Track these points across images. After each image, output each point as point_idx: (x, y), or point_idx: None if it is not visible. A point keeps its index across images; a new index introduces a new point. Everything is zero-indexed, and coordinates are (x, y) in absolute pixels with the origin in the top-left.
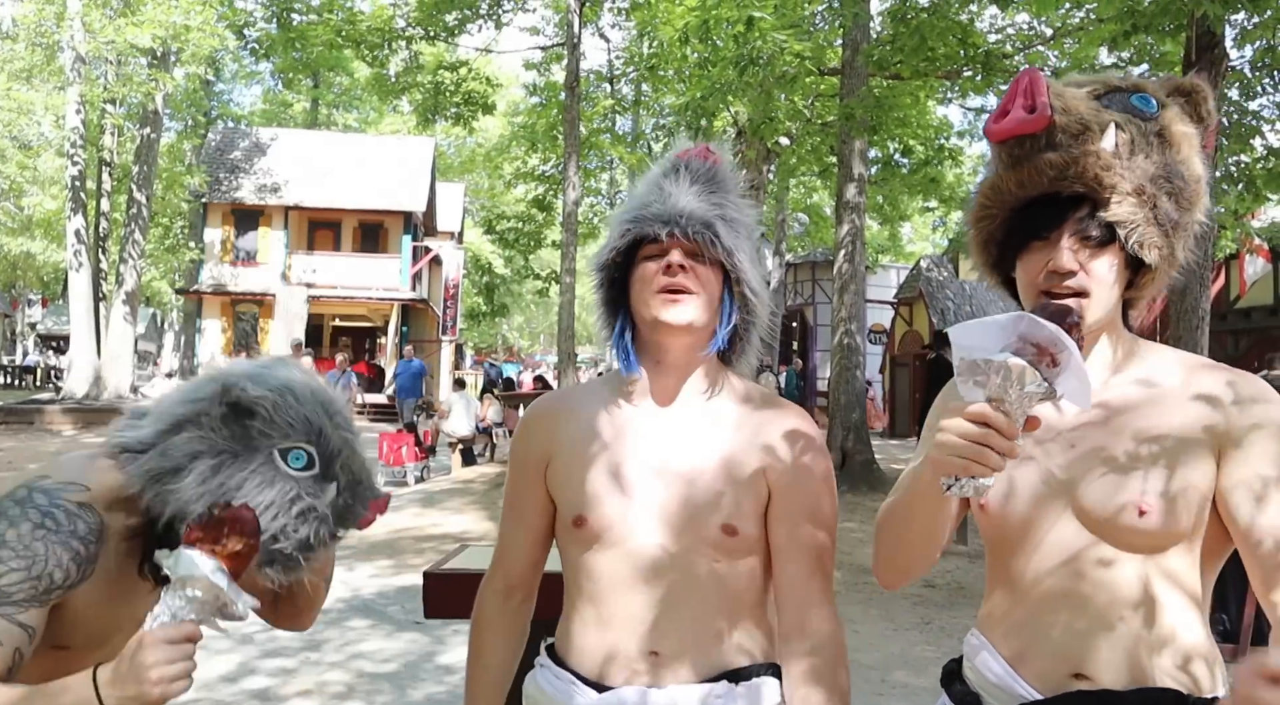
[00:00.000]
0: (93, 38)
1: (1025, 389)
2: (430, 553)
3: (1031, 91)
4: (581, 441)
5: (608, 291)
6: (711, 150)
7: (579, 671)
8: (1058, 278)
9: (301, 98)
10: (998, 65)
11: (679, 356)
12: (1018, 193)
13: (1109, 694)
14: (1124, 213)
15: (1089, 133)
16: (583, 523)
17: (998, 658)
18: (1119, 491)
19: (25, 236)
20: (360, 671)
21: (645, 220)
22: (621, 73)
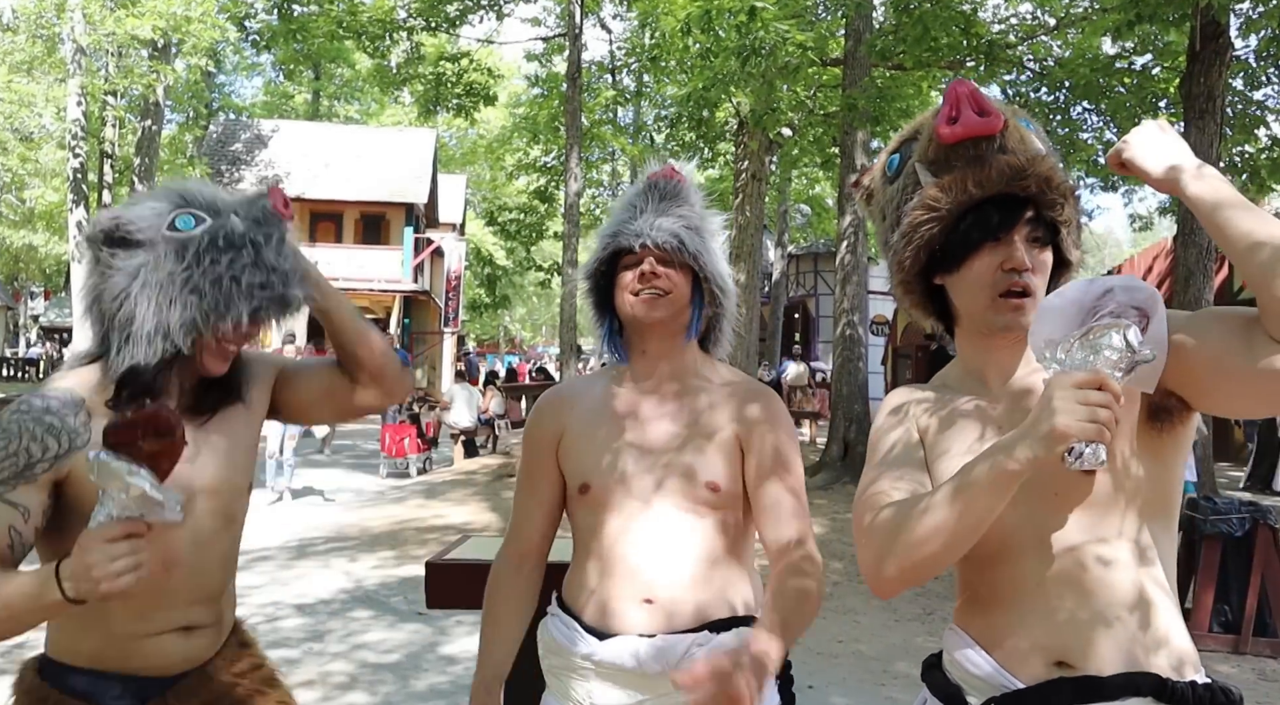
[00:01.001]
0: (93, 29)
1: (1131, 340)
2: (433, 544)
3: (975, 98)
4: (586, 421)
5: (596, 297)
6: (676, 170)
7: (583, 619)
8: (1015, 275)
9: (303, 89)
10: (1001, 56)
11: (660, 346)
12: (975, 193)
13: (1091, 680)
14: (1066, 214)
15: (1025, 139)
16: (587, 489)
17: (977, 649)
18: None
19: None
20: (363, 662)
21: (622, 235)
22: (623, 64)
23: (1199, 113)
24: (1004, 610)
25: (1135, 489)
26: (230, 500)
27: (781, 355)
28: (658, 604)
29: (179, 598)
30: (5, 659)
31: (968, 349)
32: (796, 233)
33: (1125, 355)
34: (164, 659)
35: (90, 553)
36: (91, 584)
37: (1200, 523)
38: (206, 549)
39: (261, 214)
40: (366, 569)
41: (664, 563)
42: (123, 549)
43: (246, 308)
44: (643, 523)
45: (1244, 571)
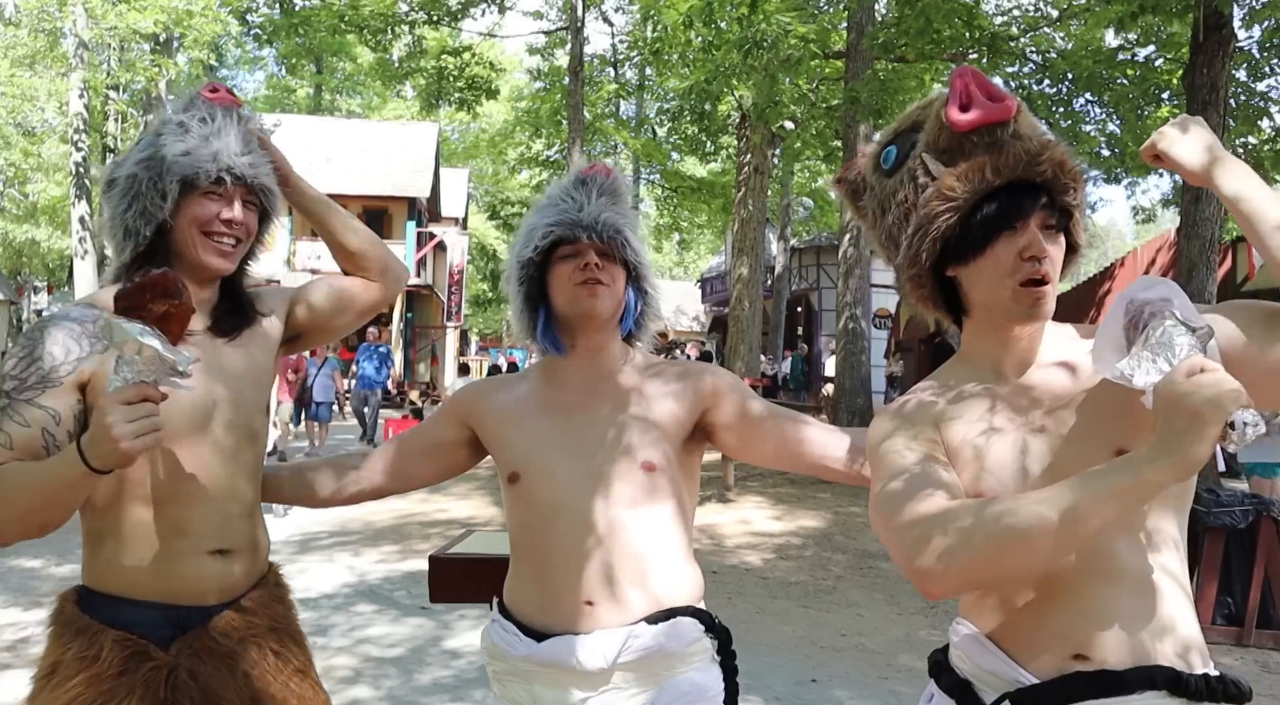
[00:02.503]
0: (95, 23)
1: (1198, 327)
2: (436, 538)
3: (983, 84)
4: (509, 407)
5: (527, 288)
6: (610, 167)
7: (522, 622)
8: (1036, 262)
9: (305, 83)
10: (1003, 48)
11: (594, 339)
12: (992, 180)
13: (1108, 674)
14: (1076, 200)
15: (1035, 121)
16: (517, 479)
17: (987, 642)
18: (1092, 449)
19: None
20: (366, 656)
21: (565, 225)
22: (625, 57)
23: (1202, 104)
24: (1019, 598)
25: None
26: (250, 415)
27: (785, 349)
28: (597, 606)
29: (211, 509)
30: (12, 654)
31: (979, 341)
32: (799, 226)
33: (1190, 335)
34: (199, 583)
35: (107, 414)
36: (111, 445)
37: (1204, 514)
38: (232, 461)
39: (188, 102)
40: (370, 563)
41: (602, 562)
42: (140, 411)
43: (178, 172)
44: (577, 518)
45: (1247, 564)
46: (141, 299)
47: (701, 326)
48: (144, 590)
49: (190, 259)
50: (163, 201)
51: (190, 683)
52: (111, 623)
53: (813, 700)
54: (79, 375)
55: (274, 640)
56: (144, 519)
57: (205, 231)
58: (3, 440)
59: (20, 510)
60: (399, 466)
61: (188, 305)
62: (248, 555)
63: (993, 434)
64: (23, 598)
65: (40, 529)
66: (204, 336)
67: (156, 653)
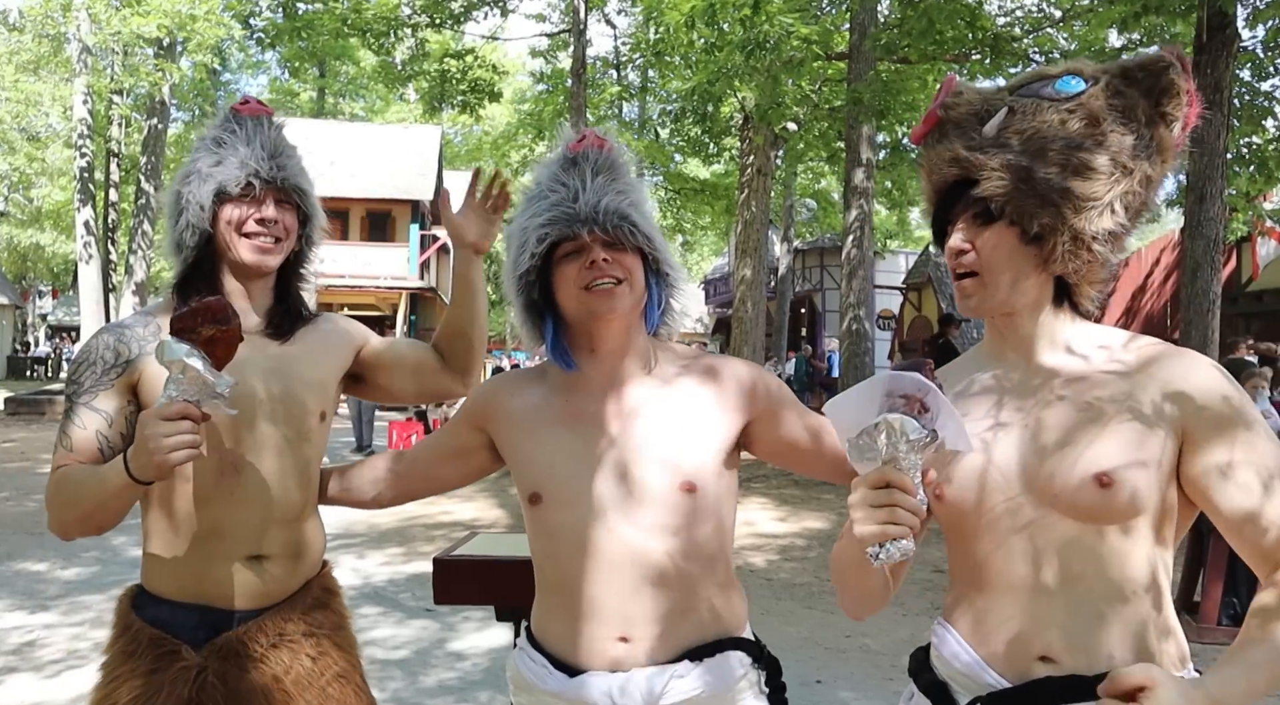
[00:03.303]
0: (99, 28)
1: (910, 438)
2: (440, 540)
3: (938, 95)
4: (526, 416)
5: (529, 297)
6: (602, 137)
7: (552, 654)
8: (954, 258)
9: (308, 87)
10: (1006, 48)
11: (615, 342)
12: (929, 187)
13: (1076, 679)
14: (990, 188)
15: (974, 120)
16: (537, 500)
17: (964, 645)
18: (1079, 465)
19: (35, 228)
20: (371, 658)
21: (561, 221)
22: (628, 59)
23: (1206, 104)
24: (988, 601)
25: (1144, 512)
26: (301, 416)
27: (789, 350)
28: (635, 641)
29: (250, 513)
30: (18, 657)
31: (987, 326)
32: (802, 227)
33: (910, 441)
34: (232, 587)
35: (147, 426)
36: (148, 457)
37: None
38: (274, 464)
39: (222, 118)
40: (374, 565)
41: (638, 596)
42: (179, 427)
43: (213, 185)
44: (608, 550)
45: None
46: (193, 322)
47: (705, 328)
48: (181, 591)
49: (233, 260)
50: (201, 212)
51: (218, 685)
52: (152, 621)
53: (818, 701)
54: (129, 376)
55: (311, 645)
56: (184, 520)
57: (243, 233)
58: (65, 443)
59: (79, 513)
60: (429, 470)
61: (235, 331)
62: (286, 561)
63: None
64: (28, 601)
65: (97, 529)
66: (257, 336)
67: (187, 653)
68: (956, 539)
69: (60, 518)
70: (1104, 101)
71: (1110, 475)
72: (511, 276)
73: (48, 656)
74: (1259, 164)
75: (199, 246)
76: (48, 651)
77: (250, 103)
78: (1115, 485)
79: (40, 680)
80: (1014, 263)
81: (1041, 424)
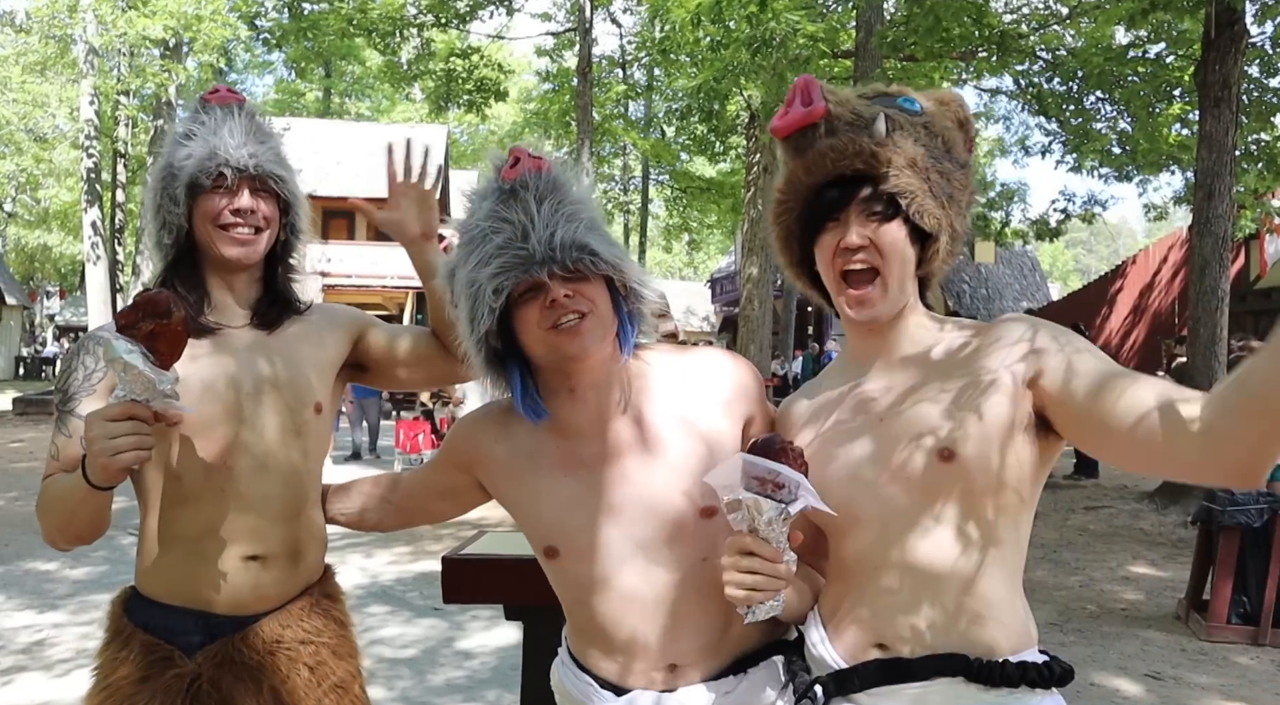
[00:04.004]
0: (105, 30)
1: (764, 516)
2: (448, 539)
3: (808, 90)
4: (520, 464)
5: (489, 349)
6: (538, 156)
7: (596, 674)
8: (849, 254)
9: (314, 87)
10: (1013, 46)
11: (594, 376)
12: (807, 180)
13: (898, 661)
14: (902, 183)
15: (861, 120)
16: (555, 553)
17: (820, 630)
18: (922, 442)
19: (42, 229)
20: (380, 657)
21: (516, 268)
22: (634, 57)
23: (1214, 101)
24: (844, 587)
25: (989, 487)
26: (294, 409)
27: (795, 348)
28: (682, 668)
29: (244, 511)
30: (28, 656)
31: (848, 330)
32: None
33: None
34: (230, 589)
35: (91, 428)
36: (95, 459)
37: (1218, 514)
38: (269, 454)
39: (193, 109)
40: (382, 564)
41: (679, 629)
42: (124, 429)
43: (184, 178)
44: (641, 592)
45: (1263, 562)
46: (134, 317)
47: (711, 327)
48: (177, 594)
49: (214, 255)
50: (175, 207)
51: (211, 693)
52: (144, 626)
53: None
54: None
55: (309, 654)
56: (177, 518)
57: (220, 225)
58: (53, 451)
59: (58, 522)
60: (424, 504)
61: (177, 325)
62: (285, 562)
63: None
64: (38, 600)
65: (78, 539)
66: (246, 329)
67: (181, 660)
68: (829, 535)
69: (45, 527)
70: (942, 123)
71: (951, 448)
72: (468, 334)
73: (57, 656)
74: (1267, 161)
75: (178, 243)
76: (57, 651)
77: (220, 91)
78: (956, 458)
79: (49, 679)
80: (904, 262)
81: (892, 416)
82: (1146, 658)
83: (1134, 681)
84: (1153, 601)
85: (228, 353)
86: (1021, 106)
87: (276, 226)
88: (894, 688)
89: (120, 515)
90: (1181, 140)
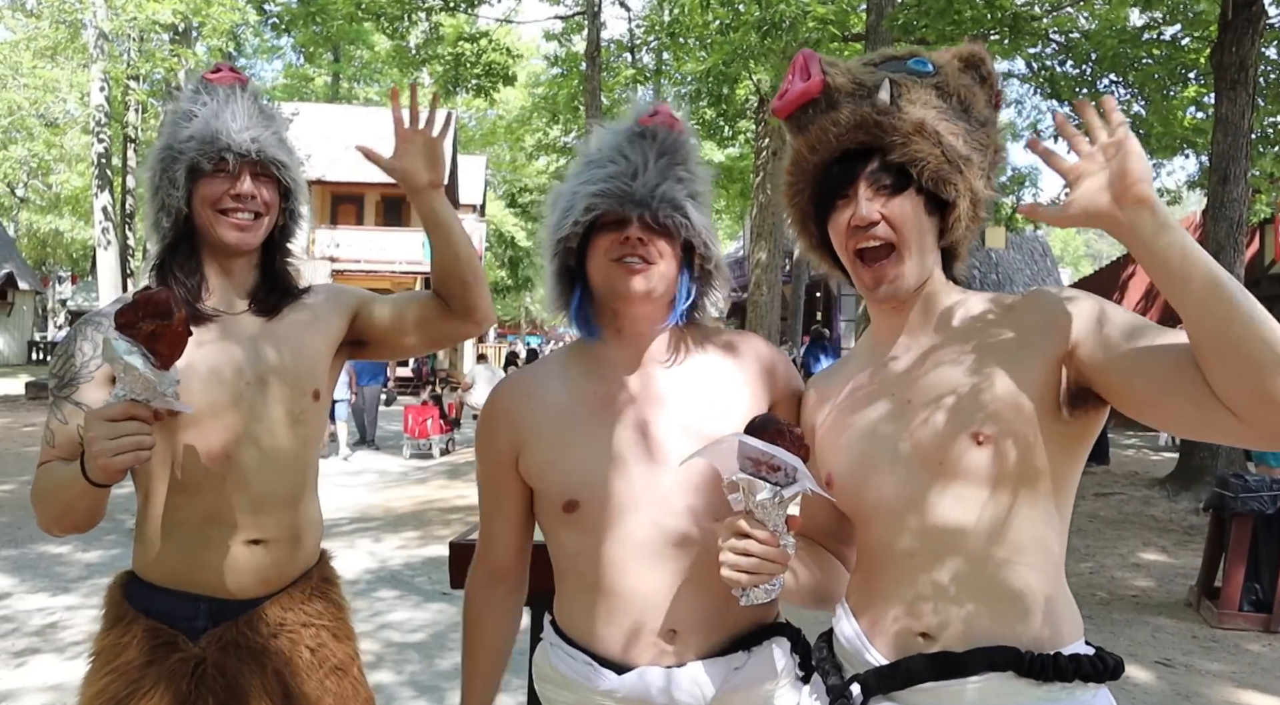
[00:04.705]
0: (115, 15)
1: (758, 498)
2: (456, 524)
3: (806, 65)
4: (554, 424)
5: (563, 262)
6: (675, 116)
7: (594, 652)
8: (862, 231)
9: (322, 72)
10: (1026, 28)
11: (638, 325)
12: (811, 158)
13: (946, 656)
14: (911, 151)
15: (863, 89)
16: (575, 507)
17: (853, 623)
18: (953, 425)
19: (54, 214)
20: (389, 641)
21: (613, 196)
22: (642, 41)
23: (1230, 83)
24: (876, 577)
25: (1026, 470)
26: (293, 397)
27: (803, 334)
28: (683, 635)
29: (245, 496)
30: (41, 639)
31: (871, 309)
32: None
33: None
34: (233, 573)
35: (91, 428)
36: (95, 459)
37: (1231, 500)
38: (269, 441)
39: (194, 88)
40: (391, 549)
41: (684, 589)
42: (126, 429)
43: (184, 161)
44: (652, 545)
45: (1275, 549)
46: (134, 317)
47: (720, 312)
48: (179, 579)
49: (212, 239)
50: (175, 190)
51: (216, 676)
52: (146, 611)
53: None
54: (108, 369)
55: (310, 637)
56: (179, 505)
57: (220, 210)
58: (47, 437)
59: (54, 512)
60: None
61: (178, 325)
62: (286, 545)
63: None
64: (51, 583)
65: (73, 528)
66: (246, 316)
67: (185, 644)
68: (856, 521)
69: (40, 514)
70: (958, 81)
71: (984, 431)
72: (550, 238)
73: (69, 638)
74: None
75: (176, 226)
76: (69, 633)
77: (222, 70)
78: (990, 441)
79: (63, 661)
80: (921, 233)
81: (916, 397)
82: (1157, 645)
83: (1145, 669)
84: (1164, 588)
85: (228, 340)
86: (1034, 90)
87: (276, 211)
88: (940, 684)
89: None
90: (1196, 123)
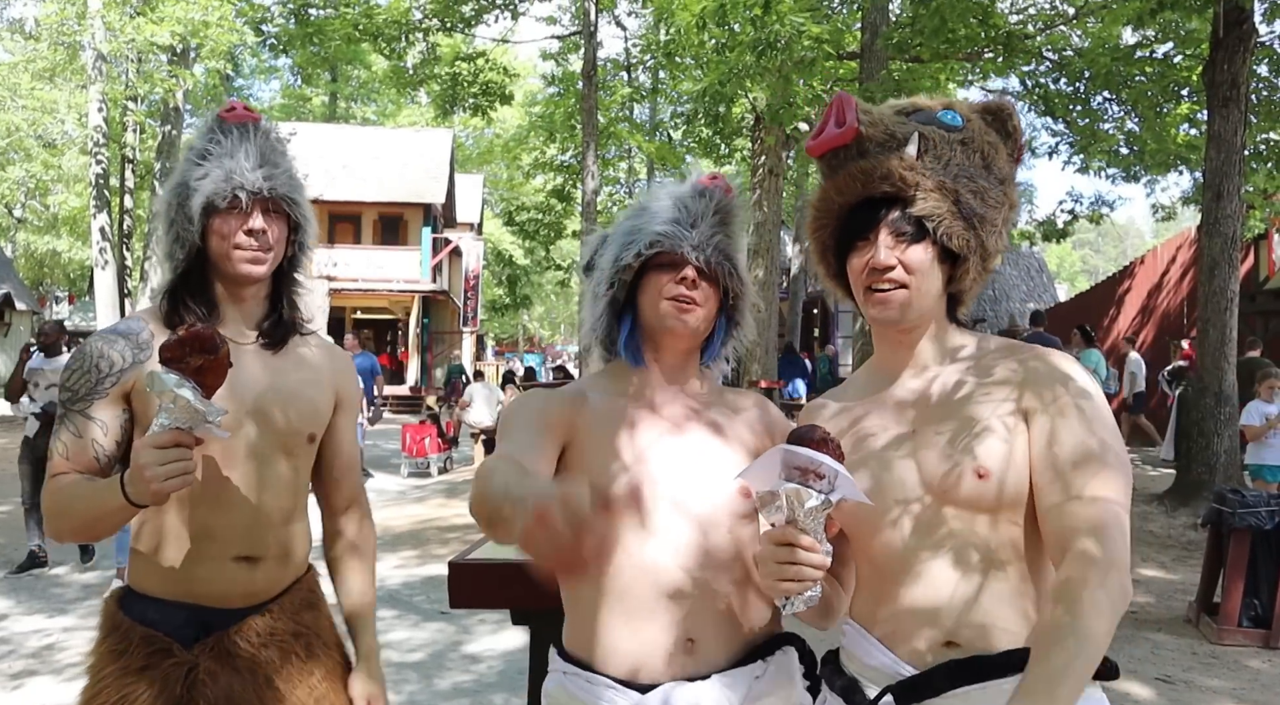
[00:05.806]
0: (114, 36)
1: (807, 506)
2: (455, 543)
3: (842, 110)
4: (603, 427)
5: (615, 292)
6: (729, 184)
7: (610, 673)
8: (878, 273)
9: (320, 92)
10: (1019, 46)
11: (676, 358)
12: (838, 200)
13: (980, 660)
14: (929, 207)
15: (894, 141)
16: (609, 505)
17: (871, 639)
18: (959, 460)
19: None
20: (387, 661)
21: (675, 237)
22: (639, 60)
23: (1223, 101)
24: (895, 595)
25: (1025, 498)
26: (289, 435)
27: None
28: (701, 643)
29: (240, 515)
30: (38, 661)
31: (876, 345)
32: None
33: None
34: (223, 587)
35: (142, 455)
36: (144, 484)
37: (1229, 516)
38: (266, 466)
39: (208, 125)
40: (389, 568)
41: (703, 597)
42: (172, 455)
43: (199, 199)
44: (675, 552)
45: (1274, 565)
46: (181, 352)
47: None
48: (171, 591)
49: (225, 271)
50: (190, 225)
51: (208, 682)
52: (142, 620)
53: None
54: (123, 386)
55: (300, 646)
56: (175, 522)
57: (234, 245)
58: (60, 450)
59: (76, 524)
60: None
61: (224, 359)
62: (276, 562)
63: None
64: (48, 605)
65: (94, 538)
66: (253, 347)
67: (179, 651)
68: (860, 540)
69: (56, 525)
70: (983, 137)
71: (984, 468)
72: (610, 268)
73: (66, 660)
74: (1276, 161)
75: (190, 257)
76: (66, 655)
77: (236, 109)
78: (989, 476)
79: (60, 683)
80: (932, 279)
81: (926, 429)
82: (1157, 661)
83: (1144, 685)
84: (1163, 604)
85: (236, 369)
86: (1028, 107)
87: (284, 244)
88: (971, 689)
89: None
90: (1190, 140)
